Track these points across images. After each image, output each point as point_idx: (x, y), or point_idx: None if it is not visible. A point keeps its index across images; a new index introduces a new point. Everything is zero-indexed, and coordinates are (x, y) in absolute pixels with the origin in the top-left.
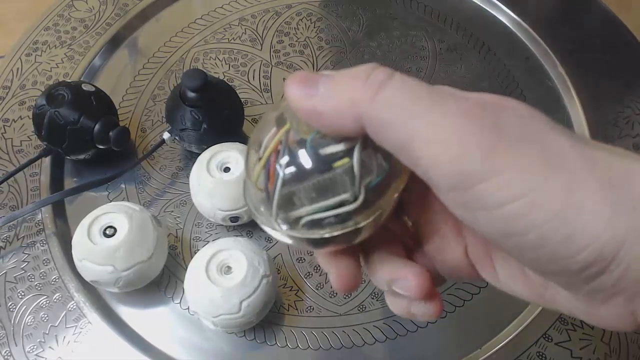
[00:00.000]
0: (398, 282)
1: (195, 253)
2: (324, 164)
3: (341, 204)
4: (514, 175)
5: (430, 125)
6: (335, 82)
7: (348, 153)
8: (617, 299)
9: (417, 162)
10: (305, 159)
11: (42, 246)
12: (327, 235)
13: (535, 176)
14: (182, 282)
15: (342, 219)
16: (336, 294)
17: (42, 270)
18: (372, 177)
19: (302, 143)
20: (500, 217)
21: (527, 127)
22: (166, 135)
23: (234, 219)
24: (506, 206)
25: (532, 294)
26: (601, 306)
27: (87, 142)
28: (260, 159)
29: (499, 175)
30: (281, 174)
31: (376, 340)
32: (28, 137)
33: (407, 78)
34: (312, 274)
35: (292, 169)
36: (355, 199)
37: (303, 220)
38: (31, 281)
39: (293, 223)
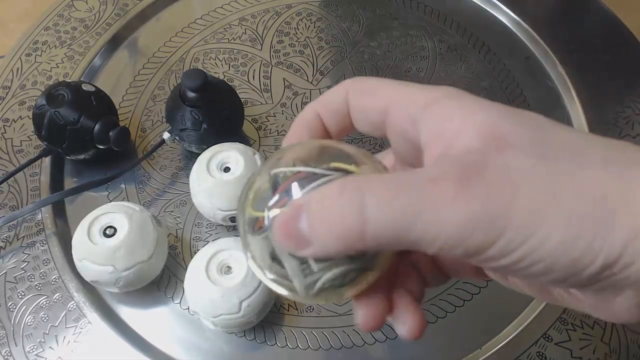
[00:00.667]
0: (397, 321)
1: (195, 253)
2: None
3: (292, 289)
4: (515, 231)
5: (431, 221)
6: (319, 222)
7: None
8: (625, 293)
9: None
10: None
11: (42, 246)
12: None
13: (535, 221)
14: (182, 282)
15: (285, 287)
16: None
17: (42, 270)
18: (336, 283)
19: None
20: (505, 265)
21: (504, 163)
22: (166, 135)
23: (234, 219)
24: (512, 254)
25: (540, 292)
26: (610, 301)
27: (87, 142)
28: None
29: (500, 238)
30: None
31: (376, 340)
32: (28, 137)
33: (378, 181)
34: None
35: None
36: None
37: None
38: (31, 281)
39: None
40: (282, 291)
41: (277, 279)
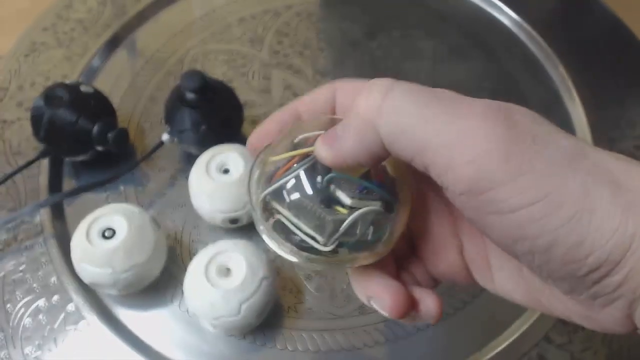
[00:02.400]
0: (376, 299)
1: (195, 255)
2: (328, 199)
3: (313, 238)
4: (530, 180)
5: (442, 129)
6: (348, 116)
7: (352, 209)
8: (617, 303)
9: (430, 168)
10: (317, 184)
11: (41, 248)
12: (284, 254)
13: (551, 179)
14: (182, 284)
15: (305, 248)
16: (336, 296)
17: (40, 272)
18: (352, 240)
19: (325, 171)
20: (513, 222)
21: (538, 129)
22: (165, 137)
23: (234, 220)
24: (520, 211)
25: (529, 298)
26: (600, 310)
27: (86, 144)
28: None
29: (514, 180)
30: (296, 172)
31: (376, 342)
32: (26, 138)
33: (411, 84)
34: (311, 276)
35: (304, 179)
36: (325, 245)
37: (275, 218)
38: (30, 283)
39: (268, 214)
40: (299, 257)
41: (298, 240)
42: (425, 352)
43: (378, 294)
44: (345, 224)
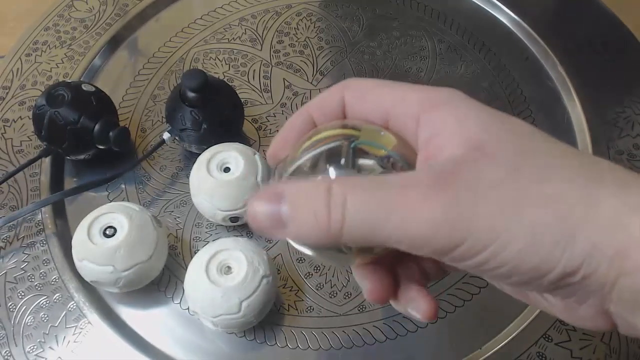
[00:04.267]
0: (413, 305)
1: (195, 253)
2: None
3: None
4: (476, 237)
5: (398, 223)
6: (300, 211)
7: None
8: (589, 301)
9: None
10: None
11: (42, 246)
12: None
13: (496, 229)
14: (182, 282)
15: None
16: (336, 294)
17: (42, 271)
18: None
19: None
20: (471, 266)
21: (475, 174)
22: (166, 136)
23: (234, 219)
24: (476, 257)
25: (517, 293)
26: (577, 307)
27: (87, 143)
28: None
29: (463, 243)
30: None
31: (376, 340)
32: (28, 137)
33: (362, 184)
34: (312, 274)
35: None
36: None
37: None
38: (31, 281)
39: None
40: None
41: None
42: (426, 350)
43: (417, 301)
44: None
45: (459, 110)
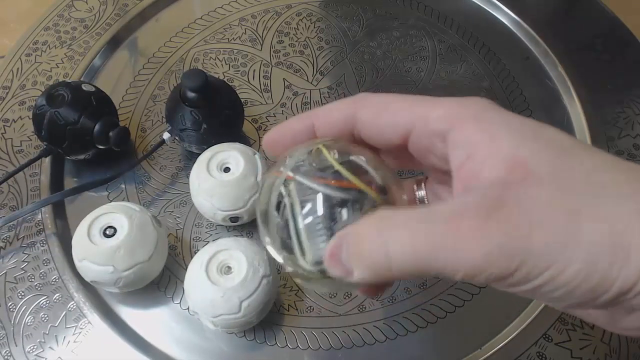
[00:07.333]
0: None
1: (195, 253)
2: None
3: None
4: (532, 263)
5: (450, 257)
6: (355, 257)
7: None
8: (637, 313)
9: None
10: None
11: (42, 246)
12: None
13: (553, 253)
14: (182, 282)
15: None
16: (336, 294)
17: (42, 271)
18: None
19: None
20: (528, 289)
21: (524, 197)
22: (166, 136)
23: (234, 219)
24: (532, 282)
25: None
26: (621, 319)
27: (87, 142)
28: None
29: (519, 269)
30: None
31: (376, 340)
32: (28, 137)
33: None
34: None
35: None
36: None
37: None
38: (31, 281)
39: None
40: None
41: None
42: (425, 350)
43: None
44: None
45: (491, 125)
